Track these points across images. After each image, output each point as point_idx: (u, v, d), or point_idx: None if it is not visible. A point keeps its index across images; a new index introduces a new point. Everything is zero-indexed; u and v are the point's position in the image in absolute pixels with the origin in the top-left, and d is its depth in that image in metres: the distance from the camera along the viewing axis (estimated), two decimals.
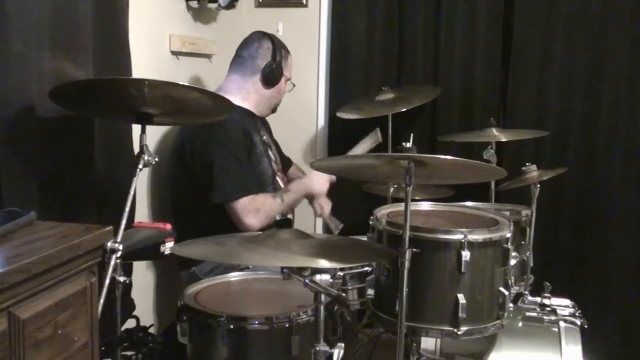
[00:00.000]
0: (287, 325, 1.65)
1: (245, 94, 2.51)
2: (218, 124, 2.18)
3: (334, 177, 2.54)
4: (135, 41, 2.15)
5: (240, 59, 2.54)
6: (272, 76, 2.51)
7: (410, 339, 2.00)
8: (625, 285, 2.88)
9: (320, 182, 2.48)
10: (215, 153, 2.27)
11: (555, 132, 2.88)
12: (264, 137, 2.58)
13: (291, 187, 2.46)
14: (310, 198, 2.52)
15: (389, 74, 3.15)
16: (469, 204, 2.49)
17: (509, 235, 1.86)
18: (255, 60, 2.50)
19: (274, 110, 2.65)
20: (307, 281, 1.49)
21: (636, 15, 2.79)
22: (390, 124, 2.90)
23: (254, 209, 2.27)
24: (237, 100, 2.43)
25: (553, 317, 2.19)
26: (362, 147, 2.58)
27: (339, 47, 3.21)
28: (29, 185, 1.69)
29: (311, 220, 3.22)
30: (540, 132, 2.76)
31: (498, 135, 2.63)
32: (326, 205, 2.60)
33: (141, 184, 2.41)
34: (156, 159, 1.74)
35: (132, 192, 1.67)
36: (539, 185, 2.36)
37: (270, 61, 2.50)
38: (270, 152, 2.58)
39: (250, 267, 2.07)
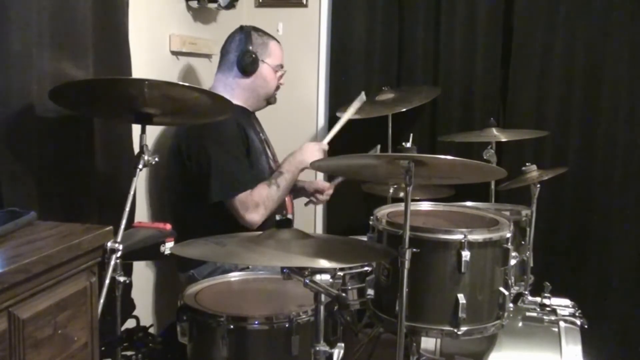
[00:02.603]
0: (287, 325, 1.65)
1: (230, 90, 2.45)
2: (213, 123, 2.17)
3: (325, 145, 2.46)
4: (135, 41, 2.15)
5: (221, 57, 2.52)
6: (245, 63, 2.43)
7: (410, 339, 1.99)
8: (625, 285, 2.88)
9: (312, 152, 2.39)
10: (211, 152, 2.26)
11: (555, 132, 2.89)
12: (261, 134, 2.57)
13: (283, 167, 2.38)
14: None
15: (389, 74, 3.15)
16: (469, 204, 2.49)
17: (509, 235, 1.86)
18: (230, 54, 2.47)
19: (268, 101, 2.56)
20: (307, 281, 1.49)
21: (636, 15, 2.79)
22: (390, 124, 2.90)
23: (253, 204, 2.26)
24: None
25: (553, 317, 2.19)
26: (350, 111, 2.56)
27: (339, 47, 3.20)
28: (29, 185, 1.68)
29: (311, 220, 3.22)
30: (540, 132, 2.76)
31: (498, 135, 2.63)
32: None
33: (141, 184, 2.40)
34: (156, 159, 1.74)
35: (132, 192, 1.67)
36: (539, 185, 2.36)
37: (242, 50, 2.45)
38: (268, 150, 2.56)
39: (250, 267, 2.07)
